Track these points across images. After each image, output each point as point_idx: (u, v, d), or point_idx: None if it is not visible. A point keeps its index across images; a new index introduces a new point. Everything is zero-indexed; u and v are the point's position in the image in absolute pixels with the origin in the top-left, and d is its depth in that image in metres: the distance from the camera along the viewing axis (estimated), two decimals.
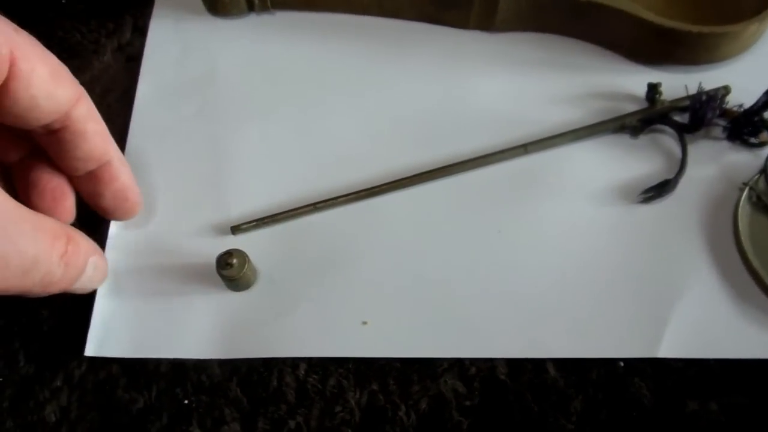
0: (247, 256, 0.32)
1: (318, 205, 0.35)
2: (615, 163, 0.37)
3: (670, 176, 0.36)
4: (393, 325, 0.33)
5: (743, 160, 0.37)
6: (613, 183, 0.37)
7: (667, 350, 0.32)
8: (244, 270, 0.32)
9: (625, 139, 0.38)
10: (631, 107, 0.39)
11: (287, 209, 0.35)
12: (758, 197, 0.35)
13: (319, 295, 0.33)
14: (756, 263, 0.34)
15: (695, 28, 0.37)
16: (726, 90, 0.38)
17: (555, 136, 0.37)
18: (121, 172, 0.31)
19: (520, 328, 0.33)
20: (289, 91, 0.40)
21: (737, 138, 0.38)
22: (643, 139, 0.38)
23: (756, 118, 0.37)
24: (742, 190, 0.36)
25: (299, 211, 0.35)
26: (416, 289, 0.34)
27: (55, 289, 0.27)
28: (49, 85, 0.25)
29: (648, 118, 0.38)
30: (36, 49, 0.25)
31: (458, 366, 0.32)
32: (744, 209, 0.35)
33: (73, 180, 0.31)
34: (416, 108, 0.39)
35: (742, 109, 0.37)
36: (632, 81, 0.40)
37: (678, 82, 0.38)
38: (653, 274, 0.34)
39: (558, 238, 0.35)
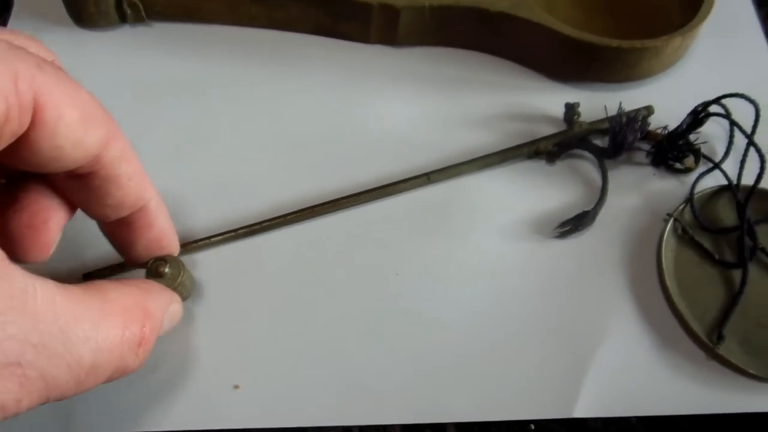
0: (183, 263, 0.28)
1: (185, 247, 0.30)
2: (529, 193, 0.34)
3: (589, 207, 0.32)
4: (270, 390, 0.28)
5: (669, 188, 0.34)
6: (527, 215, 0.33)
7: (583, 409, 0.28)
8: (180, 279, 0.27)
9: (540, 165, 0.34)
10: (549, 130, 0.35)
11: None
12: (684, 229, 0.32)
13: (180, 354, 0.29)
14: (681, 304, 0.30)
15: (614, 43, 0.34)
16: (649, 111, 0.35)
17: (462, 164, 0.33)
18: (157, 217, 0.26)
19: (418, 388, 0.28)
20: (163, 113, 0.35)
21: (662, 163, 0.34)
22: (561, 165, 0.35)
23: (681, 141, 0.34)
24: (666, 222, 0.32)
25: None
26: (298, 346, 0.29)
27: (129, 372, 0.22)
28: (77, 132, 0.20)
29: (565, 142, 0.34)
30: (64, 89, 0.20)
31: None
32: (668, 243, 0.32)
33: (101, 225, 0.26)
34: (306, 132, 0.35)
35: (666, 132, 0.34)
36: (550, 100, 0.36)
37: (599, 102, 0.35)
38: (569, 320, 0.30)
39: (464, 282, 0.31)
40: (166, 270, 0.27)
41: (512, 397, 0.28)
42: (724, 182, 0.33)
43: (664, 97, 0.36)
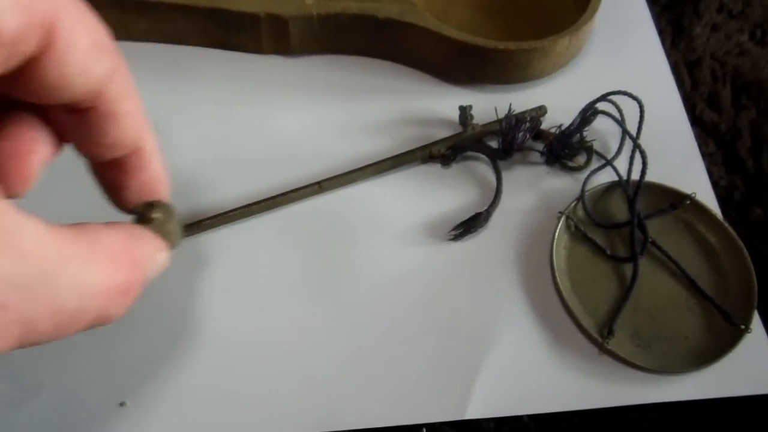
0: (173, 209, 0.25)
1: None
2: (424, 197, 0.33)
3: (484, 208, 0.33)
4: (159, 407, 0.28)
5: (563, 186, 0.34)
6: (423, 220, 0.33)
7: (476, 410, 0.28)
8: (169, 226, 0.25)
9: (436, 168, 0.34)
10: (446, 133, 0.35)
11: None
12: (576, 226, 0.32)
13: (65, 374, 0.28)
14: (573, 301, 0.30)
15: (501, 45, 0.34)
16: (540, 111, 0.35)
17: (354, 171, 0.33)
18: (152, 160, 0.24)
19: (310, 399, 0.28)
20: None
21: (555, 162, 0.35)
22: (457, 167, 0.35)
23: (573, 140, 0.34)
24: (559, 219, 0.32)
25: None
26: (185, 362, 0.28)
27: (111, 321, 0.21)
28: (86, 61, 0.19)
29: (459, 145, 0.34)
30: (79, 12, 0.18)
31: None
32: (560, 240, 0.32)
33: (90, 164, 0.24)
34: (200, 145, 0.34)
35: (559, 131, 0.34)
36: (446, 104, 0.36)
37: (495, 104, 0.35)
38: (463, 322, 0.30)
39: (357, 290, 0.30)
40: (155, 215, 0.24)
41: (405, 401, 0.28)
42: (617, 178, 0.33)
43: (560, 97, 0.36)
